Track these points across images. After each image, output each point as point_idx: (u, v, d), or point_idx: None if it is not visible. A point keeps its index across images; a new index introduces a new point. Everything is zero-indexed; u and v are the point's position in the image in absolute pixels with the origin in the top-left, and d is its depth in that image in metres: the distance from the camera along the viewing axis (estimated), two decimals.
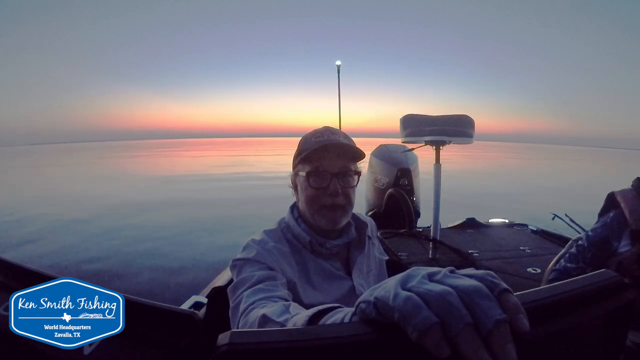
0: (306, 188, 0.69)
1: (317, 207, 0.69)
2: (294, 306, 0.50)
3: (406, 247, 2.44)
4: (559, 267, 1.09)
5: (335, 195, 0.68)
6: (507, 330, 0.22)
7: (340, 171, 0.69)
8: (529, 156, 35.54)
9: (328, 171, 0.68)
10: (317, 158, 0.68)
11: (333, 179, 0.68)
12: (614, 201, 1.02)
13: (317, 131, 0.73)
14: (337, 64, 5.93)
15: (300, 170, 0.71)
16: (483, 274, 0.25)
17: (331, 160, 0.68)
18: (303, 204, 0.71)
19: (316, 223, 0.70)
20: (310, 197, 0.69)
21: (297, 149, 0.74)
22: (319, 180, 0.68)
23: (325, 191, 0.68)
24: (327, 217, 0.69)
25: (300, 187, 0.72)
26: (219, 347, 0.22)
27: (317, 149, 0.67)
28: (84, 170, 18.56)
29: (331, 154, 0.68)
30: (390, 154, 3.02)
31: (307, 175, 0.68)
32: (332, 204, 0.68)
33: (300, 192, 0.72)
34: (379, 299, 0.25)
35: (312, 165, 0.68)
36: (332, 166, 0.68)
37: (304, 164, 0.70)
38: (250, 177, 12.85)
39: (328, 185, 0.68)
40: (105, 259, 4.07)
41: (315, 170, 0.68)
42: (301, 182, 0.71)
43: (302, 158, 0.69)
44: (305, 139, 0.73)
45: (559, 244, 2.39)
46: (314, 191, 0.68)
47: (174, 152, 39.82)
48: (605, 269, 0.31)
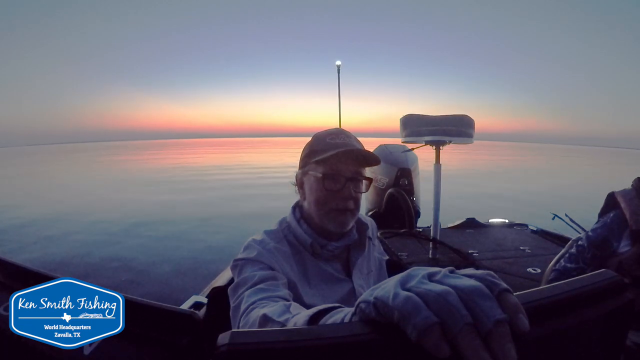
0: (317, 189, 0.69)
1: (327, 209, 0.69)
2: (294, 306, 0.50)
3: (406, 247, 2.44)
4: (559, 267, 1.09)
5: (348, 199, 0.68)
6: (507, 330, 0.22)
7: (354, 176, 0.69)
8: (528, 156, 35.56)
9: (343, 175, 0.68)
10: (334, 161, 0.67)
11: (347, 183, 0.68)
12: (614, 201, 1.02)
13: (331, 132, 0.72)
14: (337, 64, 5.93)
15: (312, 171, 0.70)
16: (483, 274, 0.25)
17: (347, 164, 0.68)
18: (311, 205, 0.70)
19: (323, 225, 0.70)
20: (322, 199, 0.68)
21: (308, 148, 0.73)
22: (334, 183, 0.68)
23: (338, 194, 0.68)
24: (337, 221, 0.69)
25: (309, 188, 0.71)
26: (219, 347, 0.22)
27: (338, 154, 0.66)
28: (83, 171, 18.56)
29: (348, 159, 0.68)
30: (390, 154, 3.02)
31: (323, 177, 0.67)
32: (343, 208, 0.69)
33: (309, 193, 0.71)
34: (379, 299, 0.25)
35: (328, 168, 0.68)
36: (347, 170, 0.68)
37: (317, 164, 0.69)
38: (250, 177, 12.85)
39: (341, 189, 0.68)
40: (105, 258, 4.07)
41: (332, 173, 0.68)
42: (311, 182, 0.70)
43: (319, 159, 0.68)
44: (318, 139, 0.72)
45: (559, 244, 2.39)
46: (327, 193, 0.68)
47: (174, 152, 39.83)
48: (605, 269, 0.31)
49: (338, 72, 5.87)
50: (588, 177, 15.72)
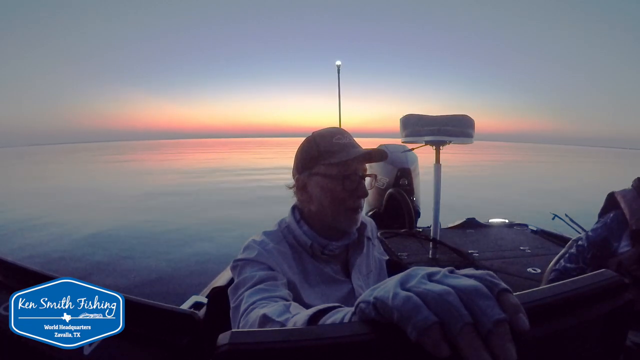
0: (334, 190, 0.68)
1: (343, 209, 0.69)
2: (294, 306, 0.50)
3: (406, 247, 2.44)
4: (559, 267, 1.09)
5: (363, 197, 0.70)
6: (507, 330, 0.22)
7: (364, 174, 0.71)
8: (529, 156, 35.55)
9: (358, 174, 0.70)
10: (352, 161, 0.68)
11: (361, 182, 0.70)
12: (614, 201, 1.02)
13: (334, 132, 0.71)
14: (337, 64, 5.93)
15: (325, 172, 0.69)
16: (483, 274, 0.25)
17: (359, 163, 0.70)
18: (324, 206, 0.70)
19: (337, 224, 0.70)
20: (339, 199, 0.69)
21: (314, 149, 0.71)
22: (352, 183, 0.69)
23: (354, 193, 0.69)
24: (352, 219, 0.70)
25: (320, 189, 0.70)
26: (219, 347, 0.22)
27: (358, 157, 0.67)
28: (84, 171, 18.55)
29: (360, 158, 0.69)
30: (391, 154, 3.02)
31: (344, 178, 0.68)
32: (358, 206, 0.70)
33: (322, 194, 0.69)
34: (378, 299, 0.25)
35: (346, 168, 0.68)
36: (360, 169, 0.70)
37: (331, 166, 0.68)
38: (250, 176, 12.85)
39: (357, 188, 0.69)
40: (105, 258, 4.07)
41: (349, 173, 0.68)
42: (324, 183, 0.69)
43: (335, 161, 0.67)
44: (323, 139, 0.71)
45: (559, 244, 2.39)
46: (344, 193, 0.68)
47: (173, 152, 39.84)
48: (605, 269, 0.31)
49: (338, 72, 5.87)
50: (588, 177, 15.72)
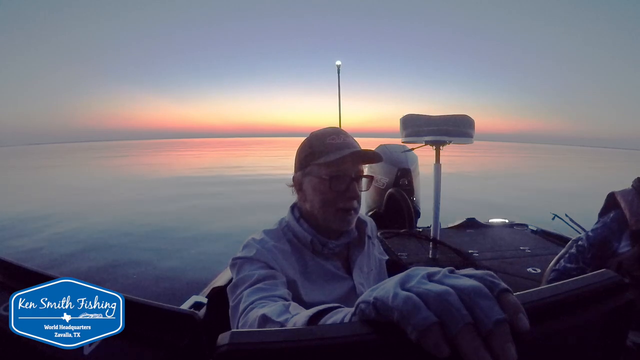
0: (323, 191, 0.69)
1: (333, 209, 0.69)
2: (293, 306, 0.50)
3: (406, 247, 2.44)
4: (559, 267, 1.09)
5: (354, 198, 0.69)
6: (507, 330, 0.22)
7: (357, 175, 0.70)
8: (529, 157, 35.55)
9: (348, 175, 0.69)
10: (340, 162, 0.68)
11: (353, 183, 0.69)
12: (614, 201, 1.02)
13: (330, 132, 0.71)
14: (337, 64, 5.93)
15: (316, 172, 0.69)
16: (483, 274, 0.25)
17: (352, 164, 0.69)
18: (315, 206, 0.70)
19: (328, 225, 0.70)
20: (328, 199, 0.69)
21: (307, 149, 0.72)
22: (340, 184, 0.68)
23: (344, 194, 0.68)
24: (344, 220, 0.70)
25: (312, 189, 0.70)
26: (219, 347, 0.22)
27: (346, 156, 0.67)
28: (83, 171, 18.55)
29: (353, 158, 0.69)
30: (390, 154, 3.02)
31: (330, 179, 0.68)
32: (349, 207, 0.69)
33: (313, 194, 0.70)
34: (379, 299, 0.25)
35: (334, 169, 0.68)
36: (351, 170, 0.69)
37: (321, 166, 0.69)
38: (249, 177, 12.85)
39: (347, 189, 0.68)
40: (105, 258, 4.07)
41: (338, 174, 0.68)
42: (315, 183, 0.70)
43: (324, 161, 0.67)
44: (317, 139, 0.71)
45: (559, 244, 2.38)
46: (333, 194, 0.68)
47: (173, 152, 39.84)
48: (605, 269, 0.31)
49: (338, 72, 5.87)
50: (588, 177, 15.72)
